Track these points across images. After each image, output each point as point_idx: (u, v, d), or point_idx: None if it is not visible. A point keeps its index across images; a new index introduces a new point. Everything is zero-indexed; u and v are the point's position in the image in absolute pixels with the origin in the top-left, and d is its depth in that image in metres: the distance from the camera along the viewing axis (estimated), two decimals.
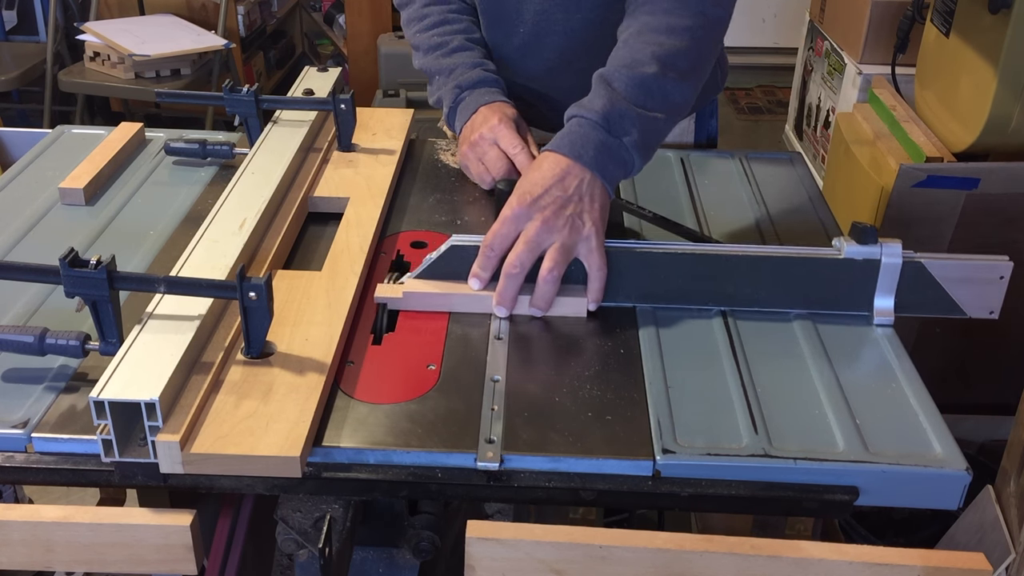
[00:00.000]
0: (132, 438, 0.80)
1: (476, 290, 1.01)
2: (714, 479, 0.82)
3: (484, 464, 0.82)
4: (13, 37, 3.74)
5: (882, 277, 1.00)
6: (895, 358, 0.96)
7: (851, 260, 1.00)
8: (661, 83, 1.08)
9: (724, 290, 1.02)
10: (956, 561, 0.80)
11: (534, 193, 1.01)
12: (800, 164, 1.37)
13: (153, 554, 0.82)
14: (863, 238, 1.00)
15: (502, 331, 0.99)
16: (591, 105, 1.07)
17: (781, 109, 4.04)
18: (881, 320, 1.01)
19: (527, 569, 0.81)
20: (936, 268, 1.00)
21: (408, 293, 1.01)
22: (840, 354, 0.96)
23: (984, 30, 1.85)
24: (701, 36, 1.12)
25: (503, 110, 1.22)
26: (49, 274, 0.86)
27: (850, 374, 0.93)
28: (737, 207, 1.24)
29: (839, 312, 1.02)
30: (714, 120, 1.48)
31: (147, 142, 1.37)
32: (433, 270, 1.02)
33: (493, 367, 0.93)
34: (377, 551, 1.04)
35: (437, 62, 1.29)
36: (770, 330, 1.00)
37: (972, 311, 1.02)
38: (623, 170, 1.07)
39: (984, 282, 1.01)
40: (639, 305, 1.03)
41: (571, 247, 1.01)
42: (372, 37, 3.45)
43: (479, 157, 1.21)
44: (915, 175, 1.88)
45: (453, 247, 1.02)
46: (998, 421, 1.83)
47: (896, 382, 0.93)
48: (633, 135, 1.06)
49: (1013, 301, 1.02)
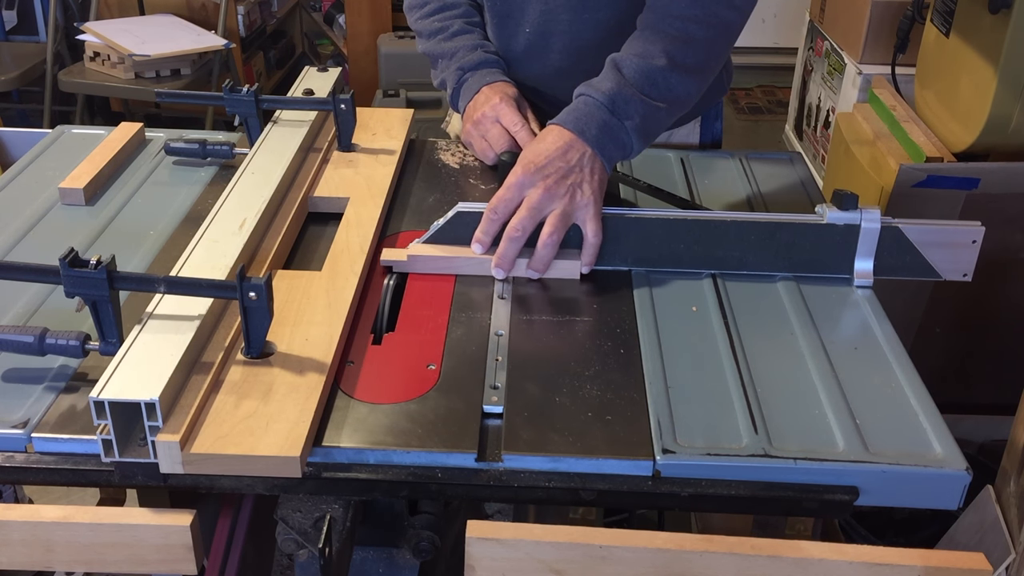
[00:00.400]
0: (132, 438, 0.80)
1: (478, 254, 1.07)
2: (714, 479, 0.82)
3: (489, 407, 0.87)
4: (13, 37, 3.74)
5: (862, 241, 1.05)
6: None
7: (833, 225, 1.05)
8: (667, 76, 1.12)
9: (713, 254, 1.07)
10: (956, 561, 0.80)
11: (538, 162, 1.07)
12: (800, 164, 1.37)
13: (153, 554, 0.82)
14: (844, 204, 1.05)
15: (505, 292, 1.04)
16: (600, 86, 1.12)
17: (781, 109, 4.04)
18: (861, 282, 1.06)
19: (527, 569, 0.81)
20: (912, 232, 1.05)
21: (413, 256, 1.07)
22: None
23: (984, 30, 1.85)
24: (713, 36, 1.16)
25: (504, 89, 1.28)
26: (49, 274, 0.86)
27: (846, 364, 0.94)
28: (737, 207, 1.24)
29: (822, 275, 1.07)
30: (719, 123, 1.50)
31: (147, 142, 1.37)
32: (440, 235, 1.08)
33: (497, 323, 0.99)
34: (377, 551, 1.04)
35: (439, 46, 1.35)
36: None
37: (946, 274, 1.07)
38: (622, 151, 1.12)
39: (958, 246, 1.06)
40: (634, 269, 1.08)
41: (570, 214, 1.06)
42: (372, 37, 3.45)
43: (482, 134, 1.27)
44: (915, 175, 1.88)
45: (459, 213, 1.07)
46: (998, 421, 1.83)
47: (896, 381, 0.93)
48: (635, 120, 1.11)
49: (1013, 301, 1.02)
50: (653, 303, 1.03)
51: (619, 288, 1.06)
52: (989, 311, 1.93)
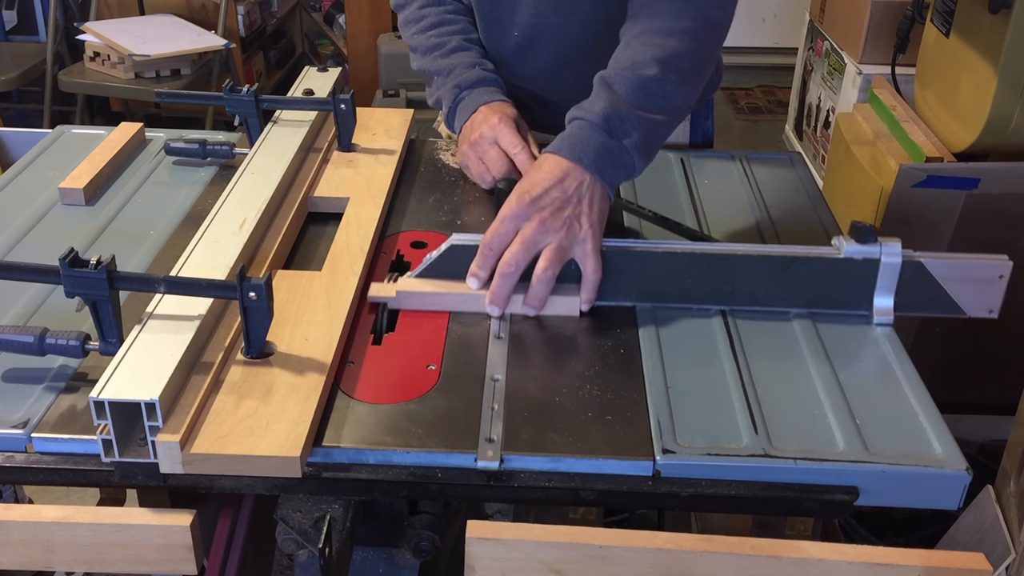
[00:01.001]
0: (132, 438, 0.80)
1: (474, 289, 1.01)
2: (714, 479, 0.82)
3: (484, 463, 0.82)
4: (13, 37, 3.74)
5: (881, 276, 1.00)
6: (895, 358, 0.96)
7: (850, 259, 1.00)
8: (662, 85, 1.08)
9: (723, 289, 1.02)
10: (956, 561, 0.80)
11: (533, 193, 1.01)
12: (800, 164, 1.37)
13: (153, 554, 0.82)
14: (862, 237, 1.00)
15: (502, 331, 0.99)
16: (592, 107, 1.07)
17: (781, 109, 4.05)
18: (880, 319, 1.01)
19: (527, 569, 0.81)
20: (935, 267, 1.00)
21: (401, 292, 1.01)
22: (840, 354, 0.96)
23: (984, 30, 1.85)
24: (702, 38, 1.12)
25: (503, 109, 1.22)
26: (49, 274, 0.86)
27: (850, 373, 0.93)
28: (737, 207, 1.24)
29: (838, 311, 1.02)
30: (709, 121, 1.47)
31: (147, 142, 1.37)
32: (433, 269, 1.02)
33: (493, 367, 0.93)
34: (377, 551, 1.04)
35: (435, 63, 1.29)
36: (770, 329, 1.00)
37: (971, 310, 1.02)
38: (624, 172, 1.07)
39: (983, 281, 1.00)
40: (639, 304, 1.02)
41: (567, 248, 1.00)
42: (372, 37, 3.45)
43: (479, 156, 1.20)
44: (915, 175, 1.88)
45: (453, 246, 1.02)
46: (998, 421, 1.83)
47: (896, 382, 0.93)
48: (634, 137, 1.06)
49: (1013, 301, 1.02)
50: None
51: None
52: None
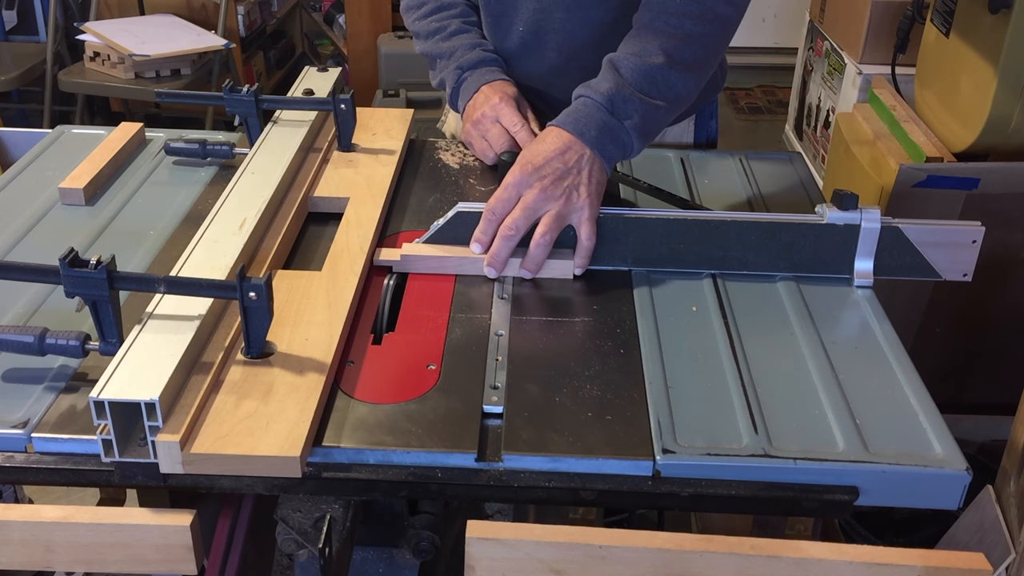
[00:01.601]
0: (132, 438, 0.80)
1: (477, 253, 1.07)
2: (714, 479, 0.82)
3: (489, 407, 0.87)
4: (13, 37, 3.74)
5: (862, 241, 1.05)
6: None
7: (833, 225, 1.05)
8: (666, 74, 1.12)
9: (713, 254, 1.07)
10: (956, 561, 0.80)
11: (536, 163, 1.07)
12: (800, 164, 1.37)
13: (153, 554, 0.82)
14: (844, 204, 1.05)
15: (505, 292, 1.04)
16: (598, 87, 1.12)
17: (781, 109, 4.04)
18: (861, 282, 1.06)
19: (527, 569, 0.81)
20: (912, 232, 1.05)
21: (406, 256, 1.07)
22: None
23: (984, 30, 1.85)
24: (711, 32, 1.15)
25: (504, 89, 1.27)
26: (49, 274, 0.86)
27: (846, 363, 0.94)
28: (737, 207, 1.24)
29: (822, 275, 1.07)
30: (714, 121, 1.49)
31: (147, 142, 1.37)
32: (440, 235, 1.08)
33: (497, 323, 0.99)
34: (377, 551, 1.04)
35: (437, 46, 1.34)
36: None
37: (947, 274, 1.07)
38: (622, 151, 1.12)
39: (958, 246, 1.06)
40: (634, 269, 1.08)
41: (565, 216, 1.06)
42: (372, 37, 3.45)
43: (482, 134, 1.26)
44: (915, 175, 1.88)
45: (459, 213, 1.08)
46: (998, 421, 1.83)
47: (896, 382, 0.93)
48: (635, 119, 1.11)
49: (1013, 301, 1.02)
50: (653, 303, 1.03)
51: (619, 288, 1.06)
52: (989, 311, 1.93)
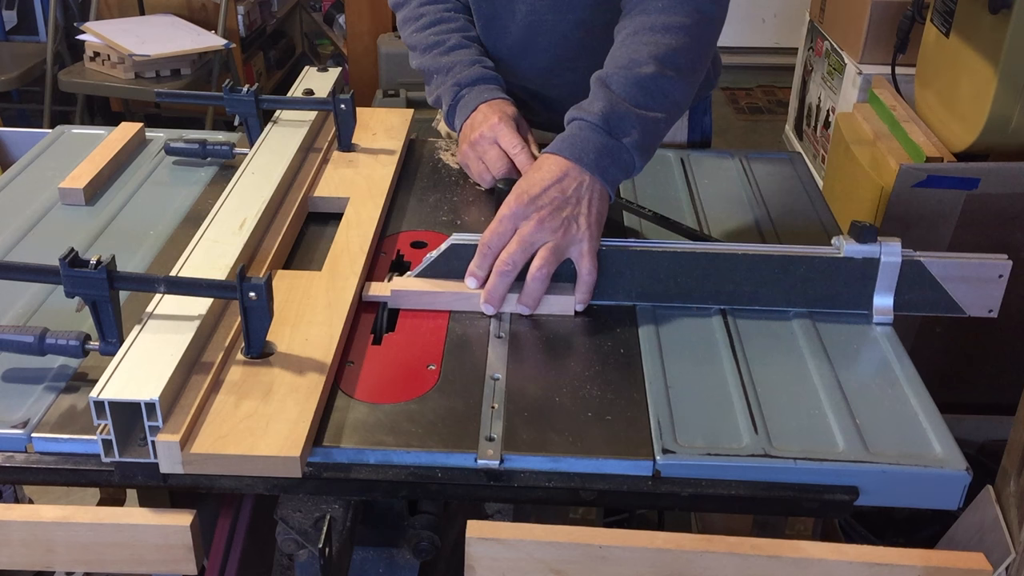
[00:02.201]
0: (132, 438, 0.80)
1: (472, 288, 1.01)
2: (714, 479, 0.82)
3: (484, 462, 0.82)
4: (13, 37, 3.74)
5: (881, 276, 1.00)
6: (894, 357, 0.96)
7: (850, 259, 1.00)
8: (659, 82, 1.08)
9: (723, 289, 1.02)
10: (956, 561, 0.80)
11: (532, 193, 1.01)
12: (800, 164, 1.37)
13: (153, 554, 0.82)
14: (862, 237, 1.00)
15: (502, 331, 0.99)
16: (591, 107, 1.07)
17: (781, 109, 4.04)
18: (880, 319, 1.01)
19: (527, 569, 0.81)
20: (935, 267, 1.00)
21: (396, 291, 1.01)
22: (840, 353, 0.96)
23: (984, 30, 1.85)
24: (697, 33, 1.12)
25: (503, 108, 1.21)
26: (49, 274, 0.86)
27: (850, 373, 0.93)
28: (737, 207, 1.24)
29: (838, 311, 1.02)
30: (707, 118, 1.47)
31: (147, 142, 1.37)
32: (434, 268, 1.02)
33: (493, 366, 0.93)
34: (377, 551, 1.04)
35: (435, 61, 1.29)
36: (769, 328, 1.00)
37: (971, 310, 1.02)
38: (624, 172, 1.07)
39: (983, 281, 1.01)
40: (639, 304, 1.03)
41: (563, 248, 1.01)
42: (372, 37, 3.45)
43: (479, 156, 1.20)
44: (915, 175, 1.88)
45: (453, 246, 1.02)
46: (998, 421, 1.83)
47: (896, 382, 0.93)
48: (633, 136, 1.06)
49: (1013, 301, 1.02)
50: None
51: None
52: None
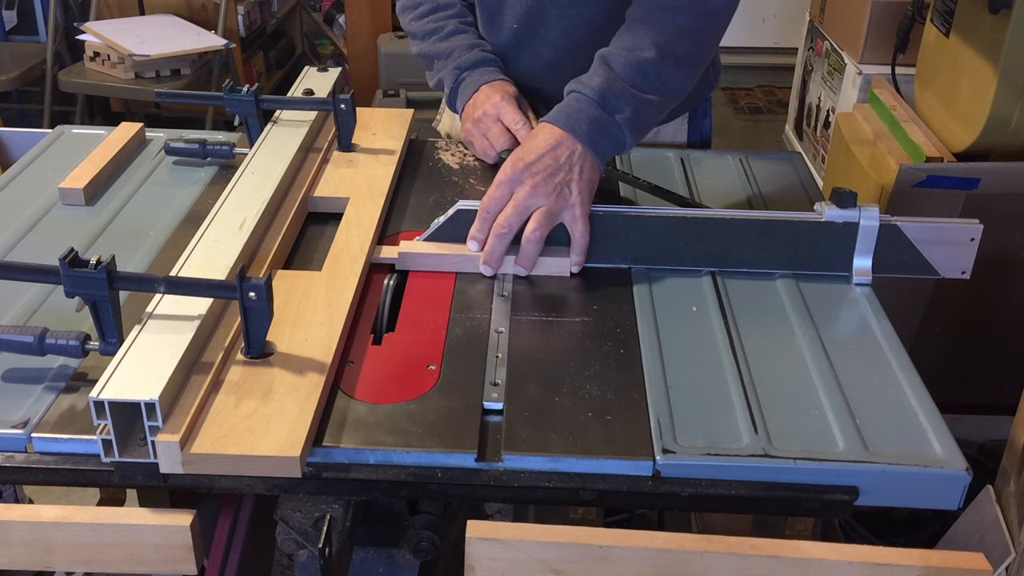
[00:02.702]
0: (132, 438, 0.80)
1: (474, 251, 1.07)
2: (714, 479, 0.82)
3: (490, 404, 0.87)
4: (13, 37, 3.74)
5: (860, 239, 1.06)
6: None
7: (832, 223, 1.06)
8: (658, 68, 1.12)
9: (712, 252, 1.08)
10: (956, 561, 0.80)
11: (527, 160, 1.07)
12: (800, 164, 1.37)
13: (153, 554, 0.82)
14: (843, 202, 1.05)
15: (505, 290, 1.04)
16: (589, 82, 1.12)
17: (781, 109, 4.05)
18: (860, 279, 1.07)
19: (527, 569, 0.81)
20: (911, 230, 1.06)
21: (404, 253, 1.08)
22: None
23: (984, 30, 1.85)
24: (704, 27, 1.16)
25: (504, 88, 1.27)
26: (49, 274, 0.86)
27: (845, 364, 0.94)
28: (737, 207, 1.24)
29: (821, 272, 1.08)
30: (707, 120, 1.49)
31: (147, 142, 1.37)
32: (440, 233, 1.09)
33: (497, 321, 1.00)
34: (377, 551, 1.04)
35: (434, 46, 1.34)
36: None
37: (945, 271, 1.08)
38: (615, 146, 1.12)
39: (956, 243, 1.06)
40: (633, 266, 1.09)
41: (556, 212, 1.07)
42: (372, 37, 3.45)
43: (483, 133, 1.26)
44: (915, 175, 1.88)
45: (459, 211, 1.08)
46: (998, 421, 1.83)
47: (896, 382, 0.93)
48: (626, 113, 1.11)
49: (1013, 301, 1.02)
50: (653, 301, 1.03)
51: (619, 285, 1.06)
52: (989, 311, 1.93)
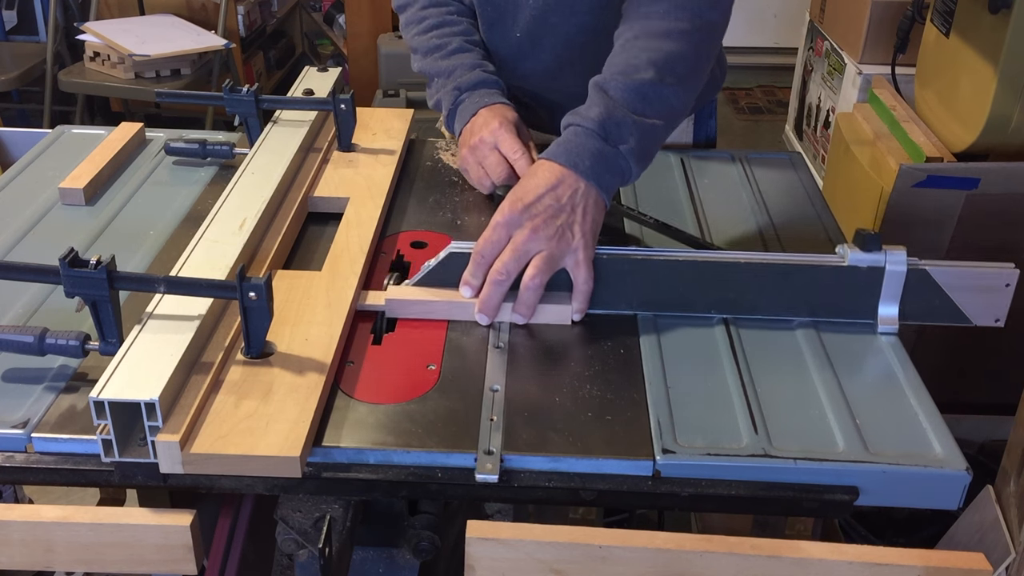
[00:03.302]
0: (132, 438, 0.80)
1: (467, 297, 0.99)
2: (714, 479, 0.82)
3: (483, 476, 0.81)
4: (13, 37, 3.74)
5: (886, 285, 0.99)
6: (899, 367, 0.95)
7: (855, 268, 0.98)
8: (658, 89, 1.06)
9: (726, 298, 1.00)
10: (956, 561, 0.80)
11: (526, 200, 1.00)
12: (800, 164, 1.37)
13: (153, 554, 0.82)
14: (867, 245, 0.98)
15: (501, 340, 0.98)
16: (587, 113, 1.05)
17: (781, 109, 4.04)
18: (886, 328, 0.99)
19: (527, 569, 0.81)
20: (941, 275, 0.99)
21: (391, 300, 1.00)
22: (844, 363, 0.95)
23: (984, 30, 1.85)
24: (698, 40, 1.10)
25: (503, 113, 1.20)
26: (49, 274, 0.86)
27: (851, 376, 0.93)
28: (737, 208, 1.24)
29: (843, 320, 1.01)
30: (712, 120, 1.47)
31: (147, 142, 1.37)
32: (431, 277, 1.01)
33: (492, 377, 0.92)
34: (377, 551, 1.04)
35: (436, 64, 1.28)
36: (773, 338, 0.99)
37: (978, 319, 1.01)
38: (620, 178, 1.06)
39: (989, 290, 0.99)
40: (640, 313, 1.01)
41: (558, 257, 0.99)
42: (372, 37, 3.45)
43: (479, 161, 1.18)
44: (915, 175, 1.88)
45: (451, 254, 1.00)
46: (998, 421, 1.83)
47: (897, 383, 0.93)
48: (630, 143, 1.04)
49: (1013, 301, 1.02)
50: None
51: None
52: None
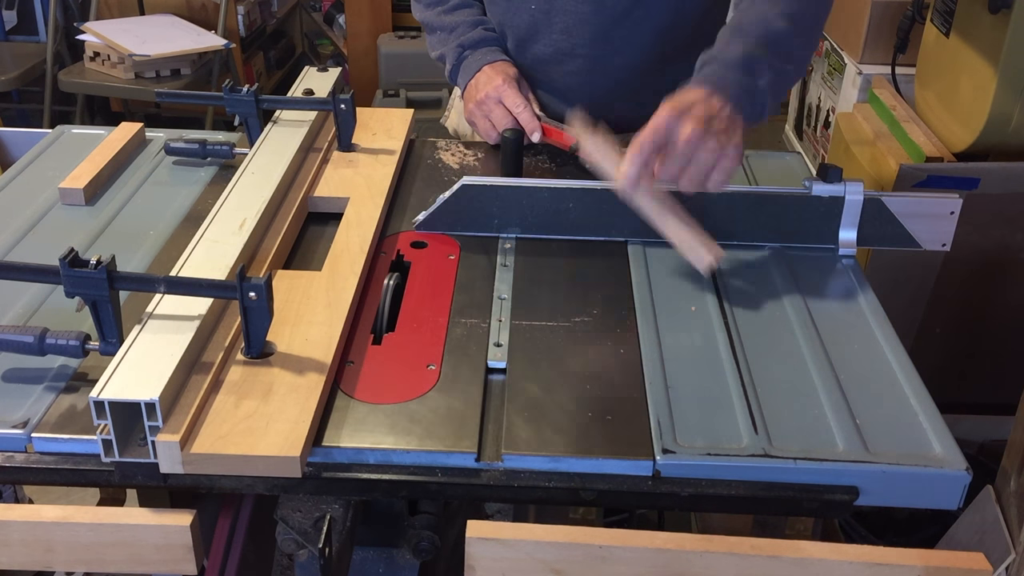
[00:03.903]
0: (132, 438, 0.80)
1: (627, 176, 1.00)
2: (714, 479, 0.82)
3: (493, 363, 0.92)
4: (13, 37, 3.74)
5: (846, 212, 1.11)
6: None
7: (818, 197, 1.11)
8: (790, 39, 1.11)
9: (706, 225, 1.09)
10: (956, 561, 0.80)
11: (682, 106, 1.00)
12: (800, 164, 1.37)
13: (153, 554, 0.82)
14: (829, 177, 1.10)
15: (507, 261, 1.08)
16: (727, 50, 1.08)
17: (781, 109, 4.04)
18: (845, 251, 1.12)
19: (527, 569, 0.81)
20: (893, 204, 1.11)
21: None
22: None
23: (984, 30, 1.85)
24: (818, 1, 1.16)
25: (505, 70, 1.30)
26: (49, 274, 0.86)
27: (851, 378, 0.93)
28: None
29: (808, 244, 1.13)
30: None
31: (147, 142, 1.37)
32: (445, 209, 1.11)
33: (500, 288, 1.04)
34: (377, 551, 1.04)
35: (439, 18, 1.38)
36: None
37: (926, 244, 1.13)
38: (756, 113, 1.07)
39: (936, 217, 1.12)
40: (630, 240, 1.13)
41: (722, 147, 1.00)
42: (372, 37, 3.45)
43: (485, 115, 1.29)
44: (915, 175, 1.88)
45: (464, 186, 1.10)
46: (998, 421, 1.83)
47: (896, 382, 0.93)
48: (768, 78, 1.07)
49: (1012, 301, 1.02)
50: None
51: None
52: (989, 311, 1.93)
